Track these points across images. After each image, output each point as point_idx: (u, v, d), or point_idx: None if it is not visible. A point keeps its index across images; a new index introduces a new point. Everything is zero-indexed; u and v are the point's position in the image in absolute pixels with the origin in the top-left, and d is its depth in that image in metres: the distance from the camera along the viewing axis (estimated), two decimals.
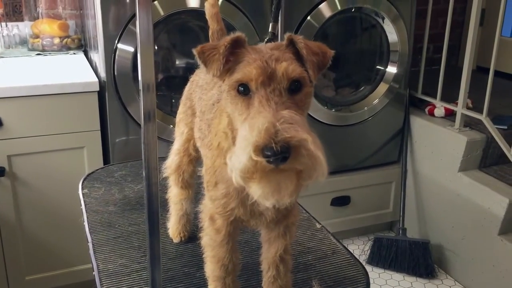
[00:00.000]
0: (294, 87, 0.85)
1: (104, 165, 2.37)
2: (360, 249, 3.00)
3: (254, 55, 0.87)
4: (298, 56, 0.89)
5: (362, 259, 2.89)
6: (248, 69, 0.84)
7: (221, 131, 0.96)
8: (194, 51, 0.89)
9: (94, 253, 1.27)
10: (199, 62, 0.89)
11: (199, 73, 1.28)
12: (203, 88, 1.18)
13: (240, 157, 0.77)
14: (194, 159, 1.30)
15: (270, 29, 1.20)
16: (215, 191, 0.99)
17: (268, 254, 1.06)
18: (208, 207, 1.03)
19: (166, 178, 1.36)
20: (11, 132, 2.17)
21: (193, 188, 1.36)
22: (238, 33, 0.89)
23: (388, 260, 2.80)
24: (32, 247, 2.35)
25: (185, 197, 1.34)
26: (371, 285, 2.70)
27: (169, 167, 1.33)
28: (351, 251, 1.28)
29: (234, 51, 0.89)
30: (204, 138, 1.08)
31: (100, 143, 2.35)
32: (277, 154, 0.74)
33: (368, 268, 2.82)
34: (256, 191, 0.79)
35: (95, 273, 1.19)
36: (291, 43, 0.90)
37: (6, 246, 2.30)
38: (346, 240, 3.08)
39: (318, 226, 1.42)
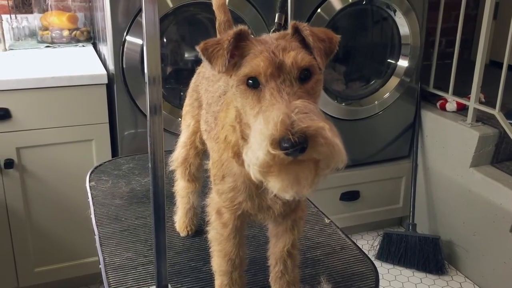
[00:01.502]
0: (304, 76, 0.83)
1: (112, 157, 2.37)
2: (369, 244, 2.98)
3: (260, 46, 0.85)
4: (304, 44, 0.87)
5: (371, 254, 2.87)
6: (255, 62, 0.82)
7: (228, 124, 0.94)
8: (197, 48, 0.87)
9: (100, 246, 1.26)
10: (203, 58, 0.87)
11: (205, 64, 1.26)
12: (210, 80, 1.16)
13: (257, 152, 0.75)
14: (200, 152, 1.28)
15: (276, 20, 1.17)
16: (222, 184, 0.97)
17: (276, 248, 1.05)
18: (215, 200, 1.01)
19: (173, 171, 1.34)
20: (20, 124, 2.17)
21: (200, 181, 1.34)
22: (241, 26, 0.87)
23: (398, 256, 2.78)
24: (40, 239, 2.36)
25: (192, 190, 1.32)
26: (380, 281, 2.68)
27: (175, 160, 1.31)
28: (360, 246, 1.27)
29: (239, 45, 0.87)
30: (211, 131, 1.06)
31: (109, 136, 2.35)
32: (295, 145, 0.72)
33: (377, 263, 2.79)
34: (275, 184, 0.78)
35: (101, 266, 1.18)
36: (297, 31, 0.88)
37: (15, 238, 2.30)
38: (355, 235, 3.05)
39: (327, 221, 1.40)
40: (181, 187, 1.34)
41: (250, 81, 0.83)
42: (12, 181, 2.23)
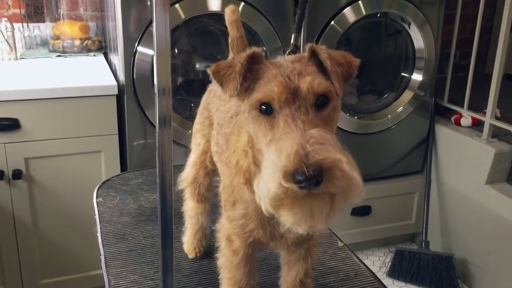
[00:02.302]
0: (321, 102, 0.79)
1: (121, 169, 2.35)
2: (380, 261, 2.92)
3: (274, 70, 0.80)
4: (321, 68, 0.83)
5: (383, 271, 2.81)
6: (269, 87, 0.78)
7: (240, 149, 0.90)
8: (209, 71, 0.83)
9: (106, 267, 1.22)
10: (214, 82, 0.83)
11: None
12: (221, 99, 1.12)
13: (269, 184, 0.71)
14: (211, 172, 1.24)
15: (292, 41, 1.12)
16: (233, 211, 0.93)
17: (288, 277, 1.00)
18: (225, 227, 0.97)
19: (182, 191, 1.31)
20: (29, 134, 2.15)
21: (210, 201, 1.30)
22: (254, 48, 0.83)
23: (410, 274, 2.71)
24: (47, 250, 2.33)
25: (201, 211, 1.28)
26: None
27: (185, 179, 1.27)
28: (371, 262, 1.23)
29: (252, 67, 0.83)
30: (222, 154, 1.02)
31: (118, 147, 2.32)
32: (309, 179, 0.68)
33: (389, 281, 2.74)
34: (288, 218, 0.73)
35: None
36: (313, 55, 0.84)
37: (21, 249, 2.28)
38: (366, 251, 3.00)
39: (340, 244, 1.35)
40: (190, 208, 1.30)
41: (263, 107, 0.79)
42: (20, 192, 2.21)
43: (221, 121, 1.07)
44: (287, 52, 1.04)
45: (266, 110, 0.79)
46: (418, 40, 2.70)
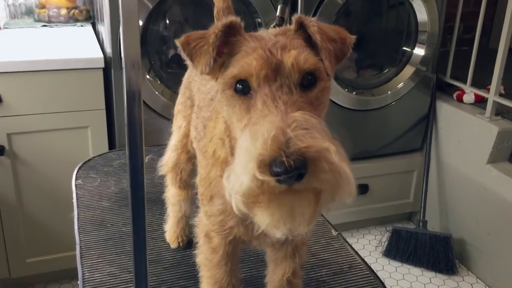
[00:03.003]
0: (307, 81, 0.68)
1: (109, 145, 2.26)
2: (377, 240, 2.85)
3: (253, 43, 0.69)
4: (310, 44, 0.71)
5: (379, 250, 2.75)
6: (246, 61, 0.67)
7: (217, 137, 0.80)
8: (177, 42, 0.71)
9: (81, 258, 1.14)
10: (183, 55, 0.71)
11: None
12: (203, 78, 1.00)
13: (241, 176, 0.60)
14: (193, 157, 1.13)
15: (278, 13, 0.97)
16: (210, 206, 0.83)
17: (274, 276, 0.91)
18: (203, 223, 0.88)
19: (163, 177, 1.21)
20: (11, 109, 2.06)
21: (193, 188, 1.21)
22: (231, 17, 0.71)
23: (407, 254, 2.65)
24: (33, 229, 2.26)
25: (184, 198, 1.19)
26: (387, 279, 2.56)
27: (165, 164, 1.18)
28: (368, 241, 1.14)
29: (229, 40, 0.71)
30: (200, 140, 0.91)
31: (105, 123, 2.23)
32: (289, 170, 0.57)
33: (385, 261, 2.68)
34: (263, 219, 0.62)
35: (79, 283, 1.06)
36: (302, 27, 0.72)
37: (6, 227, 2.21)
38: (363, 230, 2.93)
39: (334, 233, 1.26)
40: (172, 194, 1.20)
41: (239, 86, 0.68)
42: (3, 169, 2.12)
43: (200, 103, 0.96)
44: (271, 26, 0.92)
45: (242, 89, 0.68)
46: (421, 12, 2.57)
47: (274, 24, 0.91)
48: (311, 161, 0.58)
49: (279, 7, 0.97)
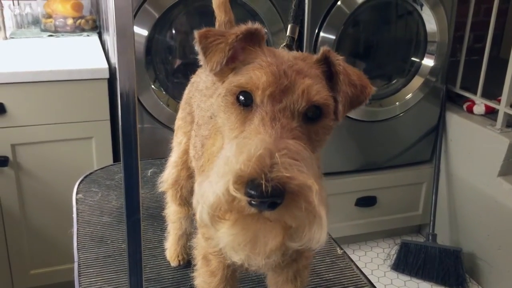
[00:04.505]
0: (312, 114, 0.65)
1: (113, 156, 2.24)
2: (385, 252, 2.80)
3: (270, 58, 0.66)
4: (327, 78, 0.68)
5: (387, 264, 2.70)
6: (256, 73, 0.64)
7: (215, 156, 0.77)
8: (196, 34, 0.68)
9: (79, 276, 1.11)
10: (197, 47, 0.68)
11: (200, 73, 1.10)
12: (203, 94, 0.98)
13: (214, 186, 0.57)
14: (193, 173, 1.11)
15: (288, 33, 0.94)
16: (207, 228, 0.80)
17: None
18: (201, 245, 0.84)
19: (163, 193, 1.18)
20: (15, 119, 2.04)
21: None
22: (257, 25, 0.68)
23: (416, 267, 2.60)
24: (36, 240, 2.24)
25: (184, 215, 1.16)
26: None
27: (165, 181, 1.15)
28: (376, 254, 1.10)
29: (246, 48, 0.68)
30: (198, 159, 0.88)
31: (110, 134, 2.21)
32: (264, 196, 0.54)
33: (393, 274, 2.63)
34: (224, 238, 0.59)
35: None
36: (325, 60, 0.69)
37: (10, 239, 2.19)
38: (371, 243, 2.88)
39: (339, 252, 1.23)
40: (172, 212, 1.17)
41: (242, 97, 0.65)
42: (6, 180, 2.10)
43: (200, 121, 0.93)
44: (282, 45, 0.88)
45: (244, 100, 0.65)
46: (430, 22, 2.54)
47: (284, 44, 0.88)
48: (289, 194, 0.56)
49: (289, 26, 0.93)
